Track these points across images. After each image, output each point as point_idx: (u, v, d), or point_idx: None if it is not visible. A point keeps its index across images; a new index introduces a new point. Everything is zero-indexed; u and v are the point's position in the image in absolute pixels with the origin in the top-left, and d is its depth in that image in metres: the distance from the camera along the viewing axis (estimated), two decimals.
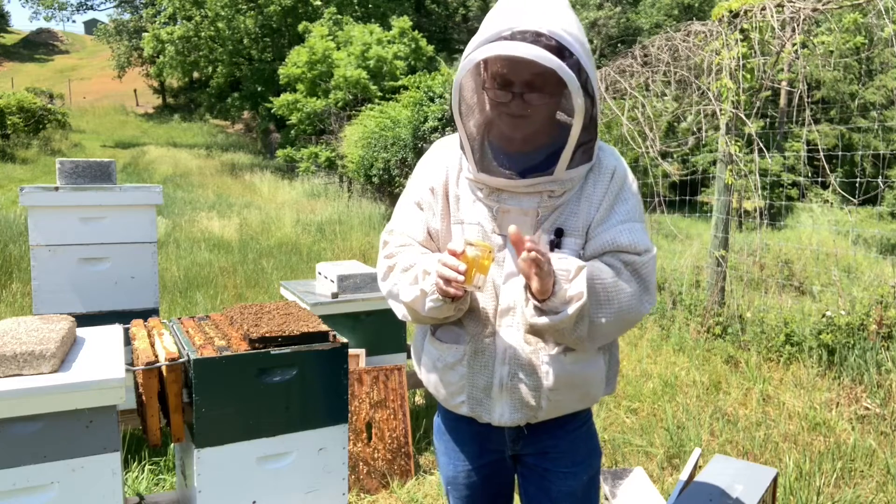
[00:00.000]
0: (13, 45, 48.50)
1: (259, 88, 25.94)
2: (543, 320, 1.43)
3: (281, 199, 14.98)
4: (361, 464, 3.15)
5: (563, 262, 1.43)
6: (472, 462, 1.69)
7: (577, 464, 1.64)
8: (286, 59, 21.10)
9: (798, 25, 4.93)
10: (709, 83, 5.54)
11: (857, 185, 5.64)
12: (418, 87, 12.05)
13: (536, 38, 1.39)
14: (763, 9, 5.08)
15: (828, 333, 4.58)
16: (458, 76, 1.48)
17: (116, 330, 2.03)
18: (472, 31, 1.55)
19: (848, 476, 3.24)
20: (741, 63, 5.23)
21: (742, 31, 5.27)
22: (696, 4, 26.51)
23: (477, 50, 1.42)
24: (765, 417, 3.89)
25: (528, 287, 1.43)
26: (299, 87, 19.90)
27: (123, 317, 3.02)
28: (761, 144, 5.18)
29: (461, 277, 1.38)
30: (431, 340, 1.63)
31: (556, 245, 1.53)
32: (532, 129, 1.49)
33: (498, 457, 1.68)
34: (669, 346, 5.15)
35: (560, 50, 1.38)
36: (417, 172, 1.69)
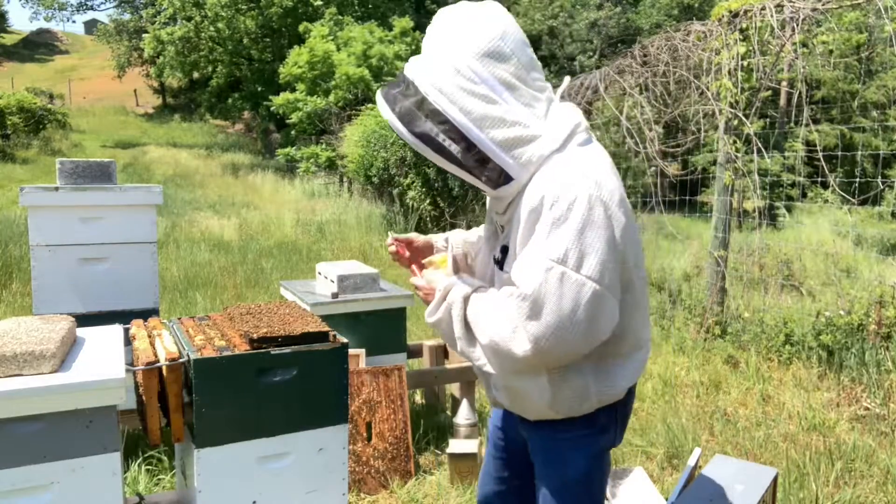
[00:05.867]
0: (13, 45, 48.45)
1: (259, 88, 25.90)
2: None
3: (281, 200, 14.96)
4: (361, 464, 3.15)
5: (440, 284, 1.57)
6: (498, 422, 1.85)
7: (548, 465, 1.65)
8: (286, 59, 21.08)
9: (798, 25, 4.93)
10: (708, 83, 5.54)
11: (857, 185, 5.64)
12: None
13: (392, 87, 1.47)
14: (763, 9, 5.08)
15: (827, 334, 4.58)
16: None
17: (116, 330, 2.03)
18: None
19: (848, 476, 3.24)
20: (740, 63, 5.22)
21: (742, 30, 5.26)
22: (696, 4, 26.45)
23: None
24: (765, 417, 3.89)
25: None
26: (300, 86, 19.88)
27: (123, 317, 3.02)
28: (760, 144, 5.18)
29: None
30: None
31: (498, 262, 1.58)
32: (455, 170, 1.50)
33: (515, 434, 1.76)
34: (669, 346, 5.15)
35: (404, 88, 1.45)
36: None
